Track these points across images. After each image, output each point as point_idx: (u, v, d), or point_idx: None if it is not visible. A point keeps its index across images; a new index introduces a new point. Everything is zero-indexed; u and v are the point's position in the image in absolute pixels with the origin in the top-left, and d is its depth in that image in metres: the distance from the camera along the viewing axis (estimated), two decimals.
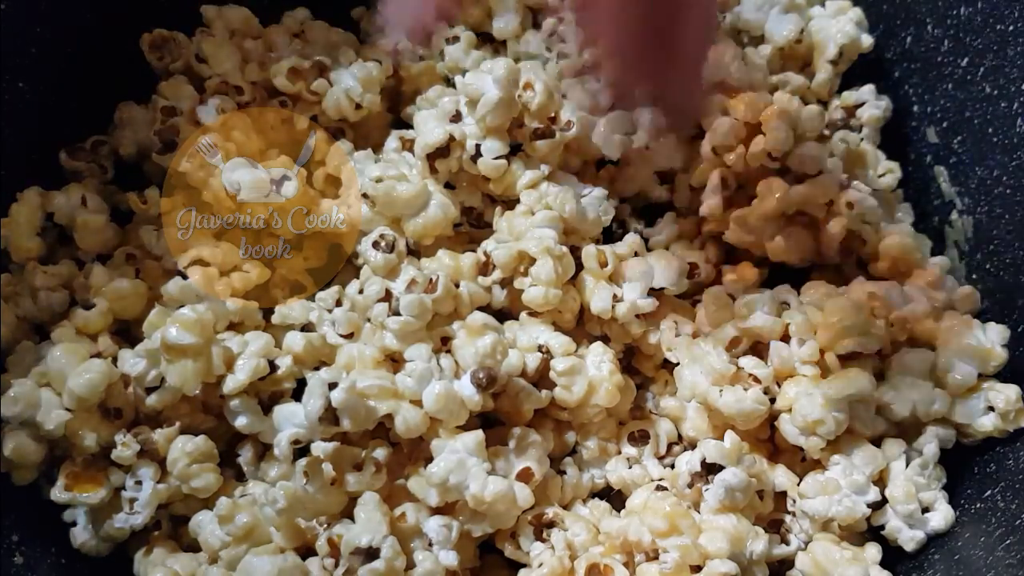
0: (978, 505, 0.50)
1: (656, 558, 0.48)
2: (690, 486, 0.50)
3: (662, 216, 0.60)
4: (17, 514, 0.49)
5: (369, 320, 0.53)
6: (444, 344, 0.53)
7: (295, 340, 0.53)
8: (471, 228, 0.57)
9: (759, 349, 0.53)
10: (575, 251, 0.54)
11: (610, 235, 0.58)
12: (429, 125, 0.54)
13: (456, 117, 0.55)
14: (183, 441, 0.50)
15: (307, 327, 0.54)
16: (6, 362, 0.51)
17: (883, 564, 0.49)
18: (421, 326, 0.52)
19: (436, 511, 0.49)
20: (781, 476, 0.52)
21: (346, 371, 0.51)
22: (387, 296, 0.53)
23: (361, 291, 0.53)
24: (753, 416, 0.50)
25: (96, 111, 0.58)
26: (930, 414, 0.51)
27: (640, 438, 0.54)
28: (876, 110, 0.59)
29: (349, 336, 0.53)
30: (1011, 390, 0.50)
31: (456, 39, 0.63)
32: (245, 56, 0.60)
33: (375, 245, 0.53)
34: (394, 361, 0.53)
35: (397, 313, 0.51)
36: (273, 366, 0.51)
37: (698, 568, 0.47)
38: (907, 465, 0.50)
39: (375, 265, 0.52)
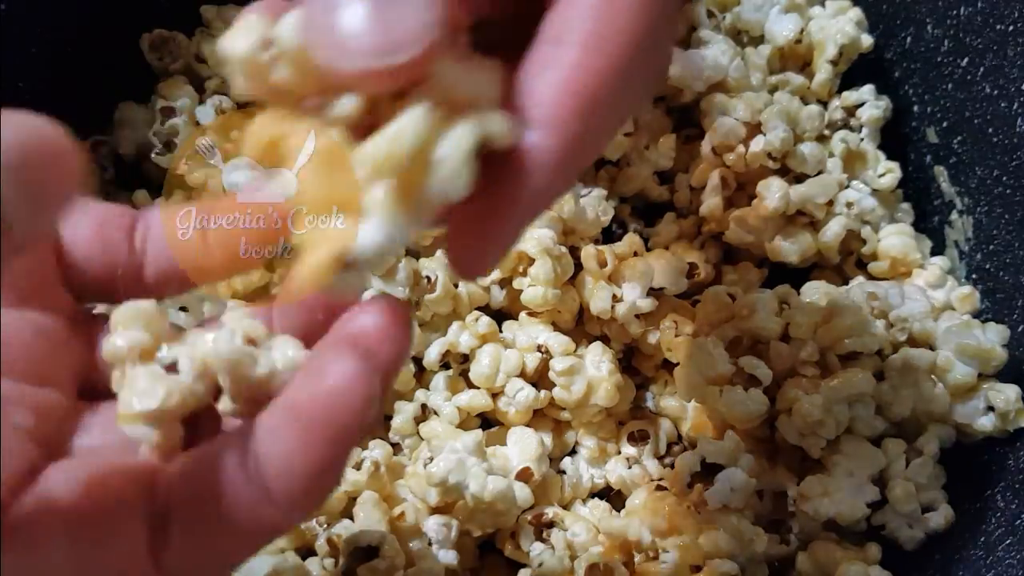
0: (978, 505, 0.50)
1: (656, 558, 0.48)
2: (690, 486, 0.51)
3: (662, 216, 0.60)
4: None
5: None
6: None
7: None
8: None
9: (759, 349, 0.53)
10: (574, 251, 0.54)
11: (610, 235, 0.58)
12: None
13: None
14: None
15: None
16: None
17: (883, 564, 0.49)
18: None
19: (435, 510, 0.49)
20: (781, 476, 0.52)
21: None
22: None
23: None
24: (753, 416, 0.50)
25: (96, 111, 0.59)
26: (930, 414, 0.51)
27: (640, 438, 0.54)
28: (876, 110, 0.59)
29: None
30: (1011, 390, 0.50)
31: None
32: None
33: None
34: None
35: None
36: None
37: (698, 568, 0.47)
38: (907, 465, 0.50)
39: None
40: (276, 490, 0.23)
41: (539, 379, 0.53)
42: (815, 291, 0.54)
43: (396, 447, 0.53)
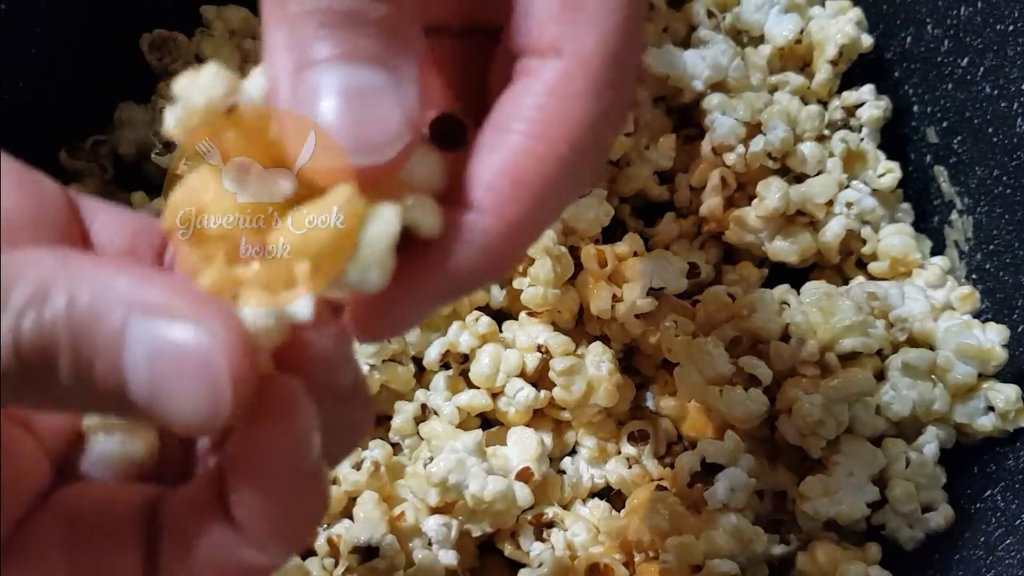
0: (978, 505, 0.50)
1: (656, 558, 0.48)
2: (690, 486, 0.51)
3: (662, 216, 0.60)
4: None
5: None
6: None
7: None
8: None
9: (759, 349, 0.53)
10: (574, 251, 0.54)
11: (610, 235, 0.58)
12: None
13: None
14: None
15: None
16: None
17: (883, 564, 0.49)
18: None
19: (435, 510, 0.49)
20: (781, 476, 0.52)
21: None
22: None
23: None
24: (753, 416, 0.50)
25: (96, 111, 0.59)
26: (930, 414, 0.51)
27: (640, 438, 0.54)
28: (876, 110, 0.59)
29: None
30: (1011, 390, 0.50)
31: None
32: (245, 56, 0.60)
33: None
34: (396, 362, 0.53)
35: None
36: None
37: (698, 568, 0.47)
38: (907, 465, 0.50)
39: None
40: (251, 534, 0.23)
41: (539, 379, 0.53)
42: (815, 291, 0.54)
43: (396, 447, 0.53)
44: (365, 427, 0.27)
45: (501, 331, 0.54)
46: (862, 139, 0.59)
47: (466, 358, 0.53)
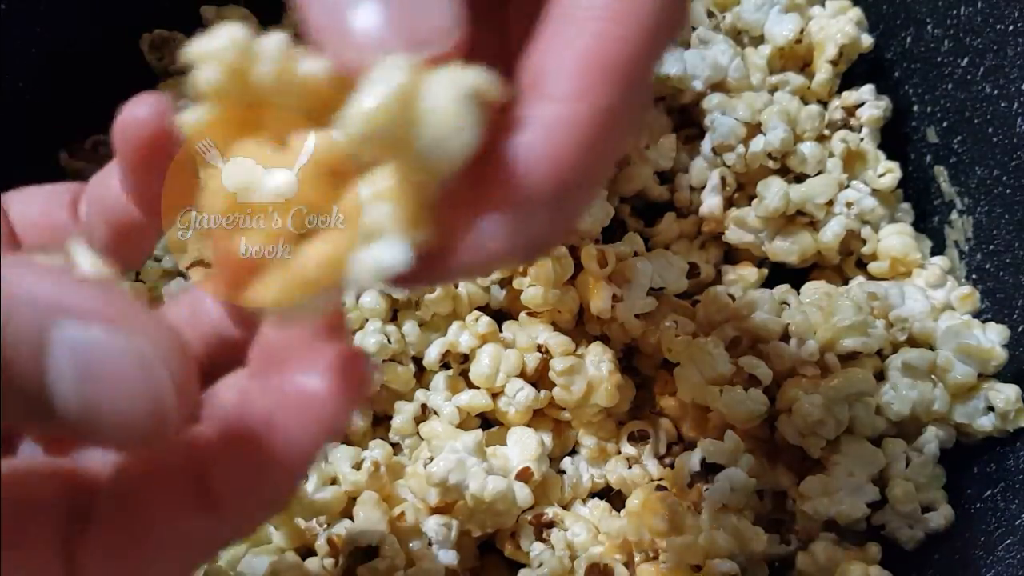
0: (978, 505, 0.50)
1: (656, 558, 0.48)
2: (690, 486, 0.51)
3: (662, 216, 0.60)
4: None
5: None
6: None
7: None
8: None
9: (759, 349, 0.53)
10: (574, 251, 0.54)
11: (610, 235, 0.58)
12: None
13: None
14: None
15: None
16: None
17: (883, 564, 0.49)
18: None
19: (435, 510, 0.49)
20: (781, 476, 0.52)
21: None
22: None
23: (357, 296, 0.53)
24: (753, 416, 0.50)
25: (96, 111, 0.58)
26: (930, 414, 0.51)
27: (640, 438, 0.54)
28: (876, 110, 0.59)
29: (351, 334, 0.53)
30: (1011, 390, 0.50)
31: None
32: None
33: None
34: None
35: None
36: None
37: (698, 568, 0.47)
38: (907, 465, 0.50)
39: None
40: (226, 506, 0.21)
41: (539, 379, 0.53)
42: (815, 291, 0.54)
43: (396, 447, 0.53)
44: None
45: (501, 331, 0.54)
46: (862, 139, 0.59)
47: (466, 358, 0.53)
